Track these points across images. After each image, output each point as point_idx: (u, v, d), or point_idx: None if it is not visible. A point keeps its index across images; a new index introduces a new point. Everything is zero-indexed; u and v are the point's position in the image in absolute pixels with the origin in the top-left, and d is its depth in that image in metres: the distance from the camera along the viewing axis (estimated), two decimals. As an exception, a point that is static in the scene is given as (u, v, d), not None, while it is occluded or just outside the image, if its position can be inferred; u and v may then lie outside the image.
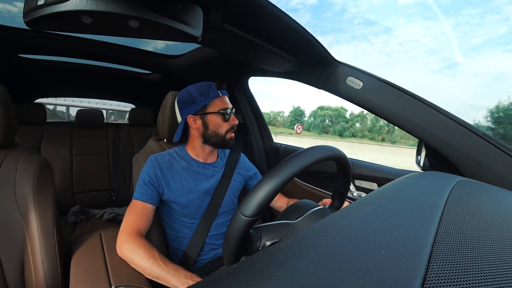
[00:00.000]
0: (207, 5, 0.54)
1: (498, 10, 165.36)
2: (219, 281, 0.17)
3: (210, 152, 0.91)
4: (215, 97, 0.85)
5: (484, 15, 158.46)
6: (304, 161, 0.42)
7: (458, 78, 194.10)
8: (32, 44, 1.20)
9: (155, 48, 1.42)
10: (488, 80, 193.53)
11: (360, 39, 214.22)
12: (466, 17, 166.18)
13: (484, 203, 0.34)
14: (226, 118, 0.86)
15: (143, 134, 1.89)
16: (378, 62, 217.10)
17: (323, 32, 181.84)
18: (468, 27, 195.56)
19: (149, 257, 0.67)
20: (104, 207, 1.58)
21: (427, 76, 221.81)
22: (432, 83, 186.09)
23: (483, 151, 0.66)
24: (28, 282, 0.69)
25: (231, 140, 0.88)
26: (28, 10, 0.39)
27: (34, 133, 1.57)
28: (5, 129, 0.72)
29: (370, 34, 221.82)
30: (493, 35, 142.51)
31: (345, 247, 0.21)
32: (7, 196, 0.71)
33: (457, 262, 0.20)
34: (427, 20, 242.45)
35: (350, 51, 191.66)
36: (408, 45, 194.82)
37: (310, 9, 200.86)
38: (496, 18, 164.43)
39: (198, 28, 0.47)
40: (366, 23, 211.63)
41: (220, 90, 0.87)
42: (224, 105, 0.86)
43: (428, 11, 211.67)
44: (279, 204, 1.00)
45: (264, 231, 0.48)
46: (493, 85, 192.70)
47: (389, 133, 38.80)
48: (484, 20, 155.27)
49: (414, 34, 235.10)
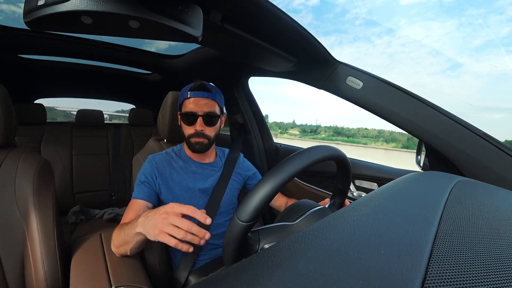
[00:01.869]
0: (207, 5, 0.54)
1: (502, 10, 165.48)
2: (219, 281, 0.17)
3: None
4: (184, 98, 0.85)
5: (487, 15, 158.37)
6: (300, 163, 0.42)
7: (461, 80, 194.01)
8: (32, 44, 1.20)
9: (158, 49, 1.42)
10: (491, 81, 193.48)
11: (362, 40, 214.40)
12: (469, 17, 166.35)
13: (484, 203, 0.34)
14: (186, 122, 0.84)
15: (143, 134, 1.89)
16: (380, 63, 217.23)
17: (325, 33, 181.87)
18: (471, 27, 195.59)
19: (117, 230, 0.69)
20: (104, 207, 1.58)
21: (429, 78, 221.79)
22: (435, 85, 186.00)
23: (483, 151, 0.65)
24: (28, 282, 0.69)
25: (196, 145, 0.85)
26: (28, 10, 0.39)
27: (34, 133, 1.57)
28: (5, 129, 0.72)
29: (373, 35, 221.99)
30: (496, 35, 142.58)
31: (345, 247, 0.21)
32: (7, 196, 0.71)
33: (457, 262, 0.20)
34: (429, 21, 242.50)
35: (352, 52, 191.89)
36: (411, 46, 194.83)
37: (312, 10, 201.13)
38: (500, 18, 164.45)
39: (198, 28, 0.47)
40: (367, 23, 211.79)
41: (196, 91, 0.84)
42: (189, 107, 0.83)
43: (430, 12, 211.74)
44: (278, 203, 1.00)
45: (263, 234, 0.47)
46: (496, 85, 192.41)
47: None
48: (487, 20, 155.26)
49: (417, 35, 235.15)
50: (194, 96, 0.83)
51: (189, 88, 0.85)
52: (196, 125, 0.83)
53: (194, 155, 0.91)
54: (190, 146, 0.87)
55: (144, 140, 1.35)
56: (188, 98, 0.84)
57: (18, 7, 3.19)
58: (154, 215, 0.57)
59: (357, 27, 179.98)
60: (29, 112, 1.58)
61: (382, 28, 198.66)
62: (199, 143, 0.85)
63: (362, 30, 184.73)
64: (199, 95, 0.84)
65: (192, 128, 0.84)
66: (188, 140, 0.86)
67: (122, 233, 0.67)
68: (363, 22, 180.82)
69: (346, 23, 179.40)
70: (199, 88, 0.84)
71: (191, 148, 0.87)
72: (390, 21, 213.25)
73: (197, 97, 0.83)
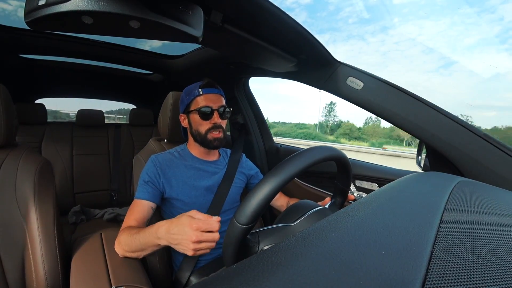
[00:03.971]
0: (208, 5, 0.54)
1: (493, 9, 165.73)
2: (219, 281, 0.17)
3: (206, 150, 0.91)
4: (195, 95, 0.85)
5: (480, 14, 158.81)
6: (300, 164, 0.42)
7: (454, 77, 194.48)
8: (32, 44, 1.21)
9: (151, 47, 1.42)
10: (483, 79, 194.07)
11: (356, 38, 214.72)
12: (461, 16, 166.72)
13: (484, 204, 0.34)
14: (203, 117, 0.84)
15: (144, 134, 1.89)
16: (375, 61, 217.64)
17: (319, 31, 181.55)
18: (463, 26, 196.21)
19: (129, 236, 0.67)
20: (104, 207, 1.58)
21: (423, 76, 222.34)
22: (428, 83, 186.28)
23: (483, 152, 0.65)
24: (29, 282, 0.69)
25: (214, 140, 0.85)
26: (29, 10, 0.39)
27: (35, 133, 1.58)
28: (6, 129, 0.72)
29: (366, 33, 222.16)
30: (488, 34, 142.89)
31: (345, 247, 0.21)
32: (8, 196, 0.71)
33: (457, 263, 0.20)
34: (422, 20, 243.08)
35: (347, 50, 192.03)
36: (404, 44, 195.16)
37: (305, 8, 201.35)
38: (491, 17, 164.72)
39: (199, 29, 0.47)
40: (361, 22, 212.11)
41: (206, 88, 0.85)
42: (203, 103, 0.84)
43: (423, 10, 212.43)
44: (279, 203, 1.00)
45: (262, 235, 0.47)
46: (489, 83, 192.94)
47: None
48: (480, 19, 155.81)
49: (410, 33, 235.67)
50: (207, 93, 0.85)
51: (198, 86, 0.86)
52: (214, 118, 0.85)
53: (199, 153, 0.91)
54: (208, 143, 0.86)
55: (145, 140, 1.35)
56: (200, 95, 0.85)
57: (8, 4, 3.18)
58: (183, 233, 0.56)
59: (351, 25, 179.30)
60: (30, 111, 1.58)
61: (375, 26, 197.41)
62: (218, 139, 0.86)
63: (356, 28, 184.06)
64: (211, 91, 0.86)
65: (209, 122, 0.85)
66: (205, 136, 0.85)
67: (137, 240, 0.65)
68: (357, 21, 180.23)
69: (339, 21, 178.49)
70: (209, 85, 0.87)
71: (209, 145, 0.86)
72: (383, 19, 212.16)
73: (209, 94, 0.85)
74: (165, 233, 0.59)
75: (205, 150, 0.91)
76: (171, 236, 0.57)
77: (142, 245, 0.64)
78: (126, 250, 0.68)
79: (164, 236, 0.59)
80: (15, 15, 8.08)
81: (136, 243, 0.65)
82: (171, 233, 0.57)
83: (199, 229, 0.54)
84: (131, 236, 0.67)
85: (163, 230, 0.59)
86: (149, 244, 0.63)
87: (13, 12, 6.88)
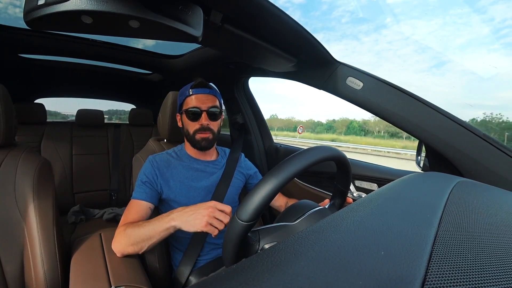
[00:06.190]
0: (208, 5, 0.54)
1: (484, 10, 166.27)
2: (219, 281, 0.17)
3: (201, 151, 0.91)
4: (186, 96, 0.86)
5: (470, 14, 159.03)
6: (301, 163, 0.42)
7: (446, 77, 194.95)
8: (32, 44, 1.20)
9: (145, 46, 1.42)
10: (475, 79, 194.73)
11: (350, 37, 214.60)
12: (453, 16, 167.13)
13: (484, 204, 0.34)
14: (191, 117, 0.84)
15: (143, 134, 1.89)
16: (368, 60, 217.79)
17: (313, 30, 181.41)
18: (455, 26, 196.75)
19: (133, 227, 0.69)
20: (104, 207, 1.58)
21: (416, 75, 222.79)
22: (421, 82, 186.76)
23: (483, 152, 0.65)
24: (28, 282, 0.69)
25: (201, 141, 0.85)
26: (29, 10, 0.39)
27: (34, 133, 1.58)
28: (5, 128, 0.72)
29: (360, 32, 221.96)
30: (478, 34, 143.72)
31: (345, 247, 0.21)
32: (7, 196, 0.71)
33: (457, 263, 0.20)
34: (414, 19, 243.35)
35: (341, 49, 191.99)
36: (397, 43, 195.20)
37: (299, 8, 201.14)
38: (482, 18, 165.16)
39: (199, 28, 0.47)
40: (354, 21, 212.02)
41: (197, 89, 0.85)
42: (192, 104, 0.84)
43: (415, 11, 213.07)
44: (278, 203, 1.00)
45: (263, 234, 0.47)
46: (480, 83, 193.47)
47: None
48: (470, 19, 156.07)
49: (404, 33, 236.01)
50: (197, 93, 0.85)
51: (189, 86, 0.86)
52: (201, 119, 0.84)
53: (196, 153, 0.91)
54: (196, 143, 0.86)
55: (144, 140, 1.35)
56: (190, 95, 0.85)
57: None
58: (198, 209, 0.63)
59: (344, 24, 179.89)
60: (29, 111, 1.58)
61: (369, 26, 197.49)
62: (205, 139, 0.85)
63: (349, 28, 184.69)
64: (201, 92, 0.85)
65: (197, 123, 0.85)
66: (193, 137, 0.85)
67: (145, 228, 0.67)
68: (349, 20, 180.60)
69: (333, 20, 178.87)
70: (201, 85, 0.86)
71: (197, 145, 0.86)
72: (377, 19, 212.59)
73: (199, 94, 0.85)
74: (179, 213, 0.65)
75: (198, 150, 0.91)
76: (185, 212, 0.64)
77: (150, 231, 0.67)
78: (129, 243, 0.69)
79: (177, 216, 0.64)
80: (6, 12, 8.01)
81: (144, 231, 0.67)
82: (185, 211, 0.64)
83: (214, 206, 0.62)
84: (138, 226, 0.69)
85: (177, 211, 0.66)
86: (159, 229, 0.66)
87: (3, 9, 6.87)
